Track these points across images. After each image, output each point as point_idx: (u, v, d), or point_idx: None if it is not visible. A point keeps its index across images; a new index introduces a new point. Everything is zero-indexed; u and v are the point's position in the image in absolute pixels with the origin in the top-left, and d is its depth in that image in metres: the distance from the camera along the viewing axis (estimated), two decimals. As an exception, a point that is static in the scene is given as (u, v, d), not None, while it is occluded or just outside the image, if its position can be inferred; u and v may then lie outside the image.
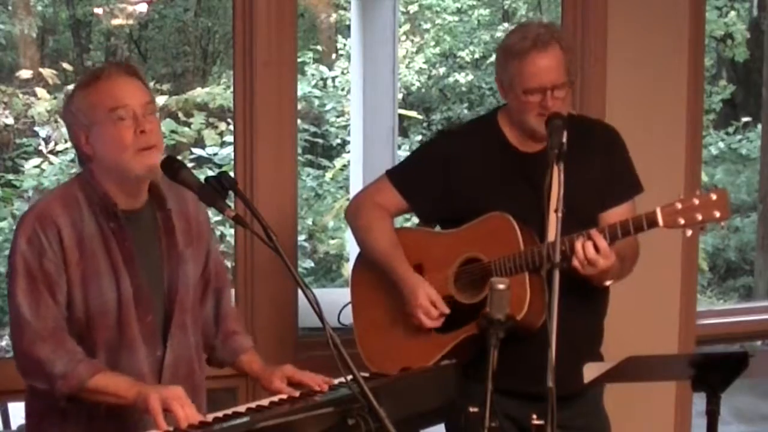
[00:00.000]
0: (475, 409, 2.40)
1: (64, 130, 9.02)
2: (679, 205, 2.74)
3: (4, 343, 8.48)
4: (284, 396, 2.57)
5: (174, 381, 2.57)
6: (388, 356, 3.11)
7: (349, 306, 3.29)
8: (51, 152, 9.05)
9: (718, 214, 2.71)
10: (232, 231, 5.02)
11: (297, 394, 2.58)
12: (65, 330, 2.49)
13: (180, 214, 2.68)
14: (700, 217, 2.72)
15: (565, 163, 2.79)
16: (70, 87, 2.90)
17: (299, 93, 6.23)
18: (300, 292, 2.28)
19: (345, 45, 10.91)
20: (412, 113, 11.28)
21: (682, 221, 2.74)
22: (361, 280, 3.27)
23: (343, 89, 10.64)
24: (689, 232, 2.77)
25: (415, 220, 3.32)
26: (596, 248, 2.80)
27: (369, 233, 3.16)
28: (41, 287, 2.47)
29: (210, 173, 3.00)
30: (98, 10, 10.69)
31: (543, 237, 2.79)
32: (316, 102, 10.55)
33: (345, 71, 10.60)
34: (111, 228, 2.53)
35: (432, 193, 3.12)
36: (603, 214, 3.04)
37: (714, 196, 2.72)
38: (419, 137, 11.11)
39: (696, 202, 2.72)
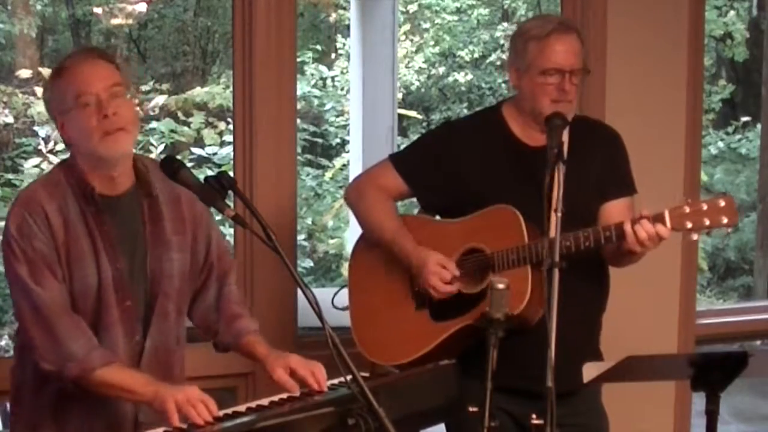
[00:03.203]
0: (475, 409, 2.40)
1: (63, 129, 9.04)
2: (687, 209, 2.77)
3: (3, 342, 8.48)
4: (284, 396, 2.57)
5: (151, 368, 2.58)
6: (382, 342, 3.11)
7: (344, 290, 3.28)
8: (50, 152, 9.03)
9: (725, 220, 2.75)
10: (232, 231, 5.01)
11: (297, 393, 2.57)
12: (71, 308, 2.51)
13: (171, 201, 2.67)
14: (707, 222, 2.76)
15: (568, 161, 2.80)
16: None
17: (299, 93, 6.23)
18: (299, 291, 2.28)
19: (344, 45, 10.91)
20: (412, 113, 11.27)
21: (689, 225, 2.77)
22: (360, 264, 3.27)
23: (342, 89, 10.64)
24: (695, 236, 2.82)
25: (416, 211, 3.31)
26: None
27: (373, 215, 3.15)
28: (42, 267, 2.49)
29: (209, 173, 2.99)
30: (98, 10, 10.68)
31: (544, 232, 2.79)
32: (316, 101, 10.55)
33: (344, 71, 10.59)
34: (91, 212, 2.55)
35: (433, 182, 3.12)
36: (602, 209, 3.04)
37: (722, 203, 2.76)
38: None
39: (704, 207, 2.76)
